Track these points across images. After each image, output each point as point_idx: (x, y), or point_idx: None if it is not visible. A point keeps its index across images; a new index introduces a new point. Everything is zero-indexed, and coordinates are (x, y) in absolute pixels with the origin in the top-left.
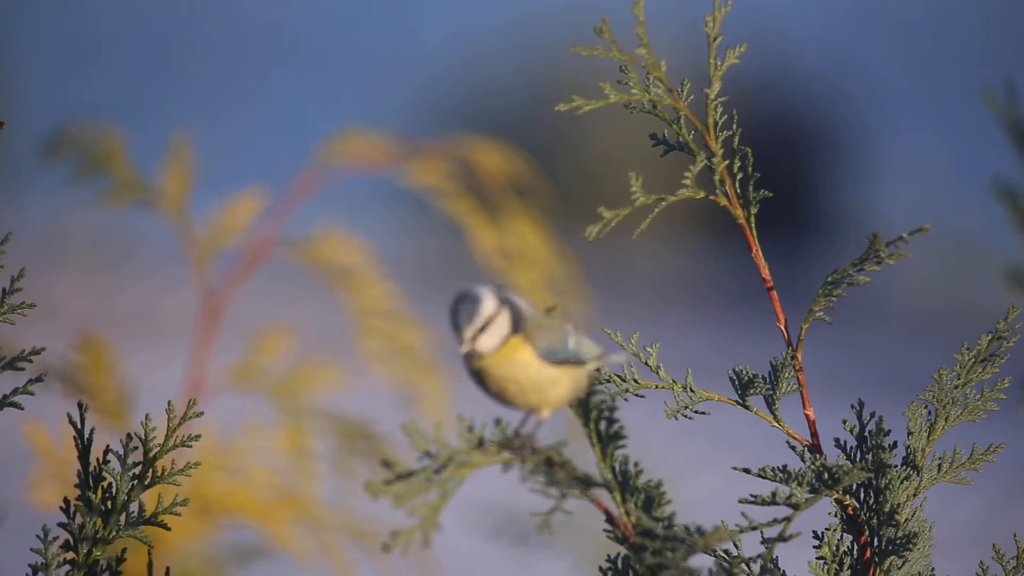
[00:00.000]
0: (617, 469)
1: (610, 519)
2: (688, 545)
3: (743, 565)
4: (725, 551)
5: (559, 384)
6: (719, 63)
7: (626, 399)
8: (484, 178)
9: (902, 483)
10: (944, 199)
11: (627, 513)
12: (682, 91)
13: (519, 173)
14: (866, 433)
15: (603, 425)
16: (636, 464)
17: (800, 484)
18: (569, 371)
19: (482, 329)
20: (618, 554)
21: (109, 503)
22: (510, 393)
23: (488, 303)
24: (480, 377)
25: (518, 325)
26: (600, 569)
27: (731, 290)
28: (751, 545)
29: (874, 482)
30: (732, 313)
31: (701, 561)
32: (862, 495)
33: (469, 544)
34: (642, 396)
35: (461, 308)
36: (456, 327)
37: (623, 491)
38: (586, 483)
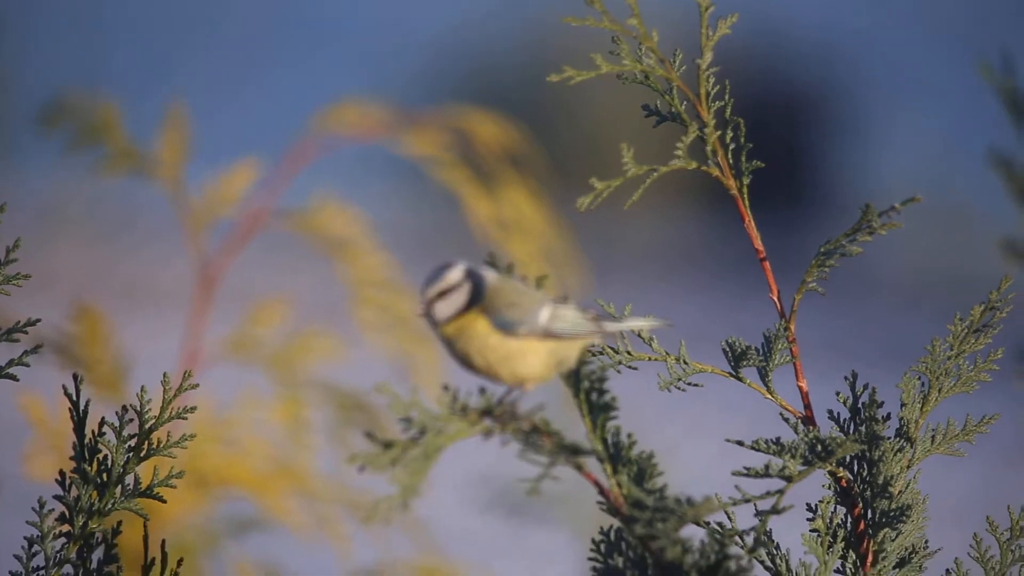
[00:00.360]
0: (609, 440)
1: (600, 490)
2: (679, 516)
3: (736, 538)
4: (718, 524)
5: (529, 357)
6: (711, 33)
7: (619, 371)
8: (480, 148)
9: (895, 455)
10: (939, 169)
11: (618, 485)
12: (674, 61)
13: (515, 143)
14: (859, 405)
15: (594, 396)
16: (629, 436)
17: (793, 456)
18: (545, 344)
19: (441, 295)
20: (611, 526)
21: (105, 475)
22: (478, 366)
23: (454, 274)
24: (449, 349)
25: (476, 298)
26: (593, 541)
27: (726, 258)
28: (744, 518)
29: (867, 454)
30: (727, 281)
31: (693, 533)
32: (856, 467)
33: (464, 517)
34: (635, 368)
35: (428, 275)
36: (420, 292)
37: (614, 462)
38: (573, 452)
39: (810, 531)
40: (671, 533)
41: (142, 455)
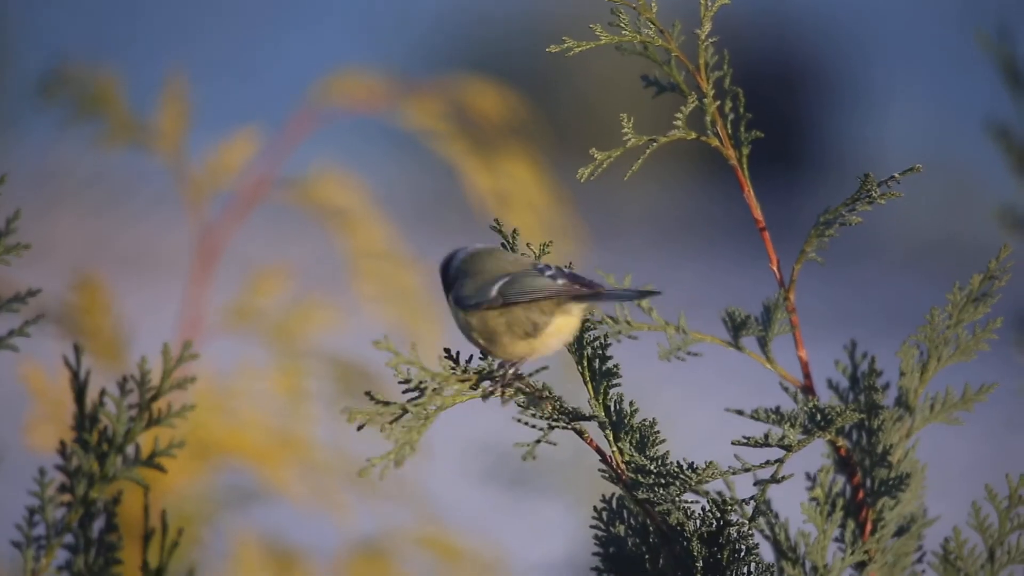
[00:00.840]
0: (611, 408)
1: (602, 457)
2: (681, 481)
3: (736, 506)
4: (718, 493)
5: (497, 334)
6: (710, 3)
7: (619, 340)
8: (479, 119)
9: (895, 424)
10: (937, 136)
11: (620, 451)
12: (673, 32)
13: (515, 112)
14: (859, 374)
15: (596, 363)
16: (631, 403)
17: (793, 426)
18: (500, 317)
19: (447, 289)
20: (613, 494)
21: (105, 445)
22: (480, 345)
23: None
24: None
25: (447, 277)
26: (595, 509)
27: (725, 225)
28: (744, 487)
29: (867, 423)
30: (726, 248)
31: (694, 502)
32: (855, 436)
33: (463, 486)
34: (634, 338)
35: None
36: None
37: (616, 429)
38: (573, 417)
39: (809, 500)
40: (674, 497)
41: (143, 425)
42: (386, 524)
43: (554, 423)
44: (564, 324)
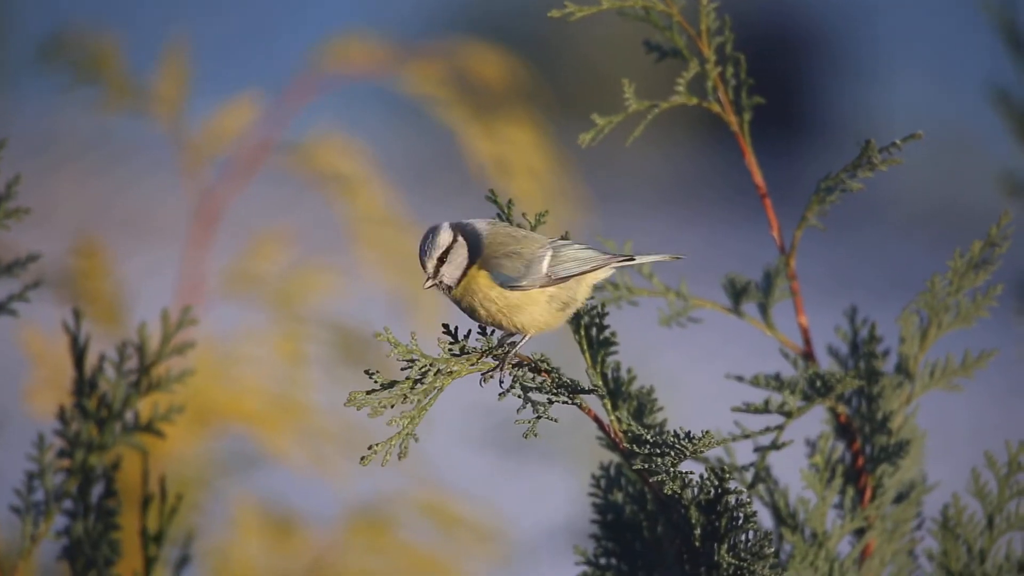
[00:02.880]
0: (609, 376)
1: (600, 425)
2: (678, 451)
3: (735, 474)
4: (718, 459)
5: (530, 307)
6: None
7: (619, 307)
8: (480, 84)
9: (895, 390)
10: (939, 101)
11: (618, 420)
12: None
13: (516, 78)
14: (859, 340)
15: (593, 331)
16: (629, 371)
17: (793, 392)
18: (546, 292)
19: (441, 261)
20: (611, 462)
21: (105, 411)
22: (481, 317)
23: (443, 236)
24: (457, 305)
25: (475, 253)
26: (593, 476)
27: (726, 188)
28: (744, 454)
29: (866, 390)
30: (727, 211)
31: (692, 469)
32: (855, 403)
33: (462, 452)
34: (635, 304)
35: (422, 245)
36: (421, 264)
37: (614, 398)
38: (572, 390)
39: (809, 466)
40: (669, 467)
41: (142, 391)
42: (385, 489)
43: (553, 398)
44: (586, 294)
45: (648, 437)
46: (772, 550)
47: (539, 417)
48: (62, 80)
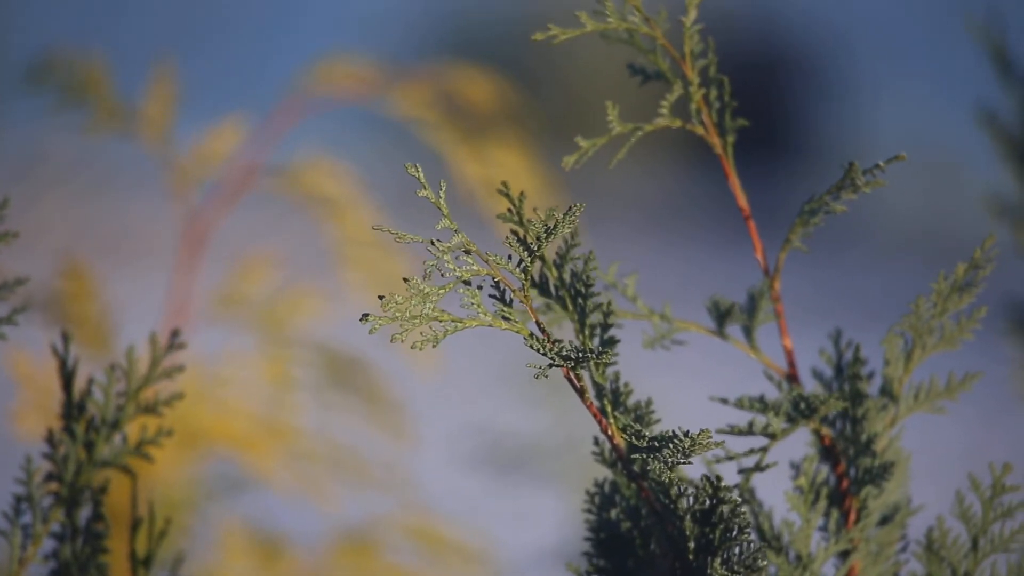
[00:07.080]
0: (607, 387)
1: (596, 417)
2: (675, 445)
3: (728, 491)
4: (704, 478)
5: None
6: None
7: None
8: (468, 107)
9: (879, 412)
10: (925, 123)
11: (615, 417)
12: (659, 19)
13: (505, 101)
14: (843, 363)
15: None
16: (626, 385)
17: (777, 414)
18: None
19: None
20: (604, 478)
21: (93, 433)
22: None
23: None
24: None
25: None
26: (587, 492)
27: (711, 209)
28: (727, 476)
29: (851, 412)
30: (711, 232)
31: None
32: (839, 425)
33: (451, 473)
34: (620, 326)
35: None
36: None
37: (612, 401)
38: (578, 356)
39: (794, 488)
40: (666, 460)
41: (131, 414)
42: (372, 512)
43: (559, 356)
44: None
45: (647, 432)
46: (765, 563)
47: (552, 365)
48: (49, 102)
